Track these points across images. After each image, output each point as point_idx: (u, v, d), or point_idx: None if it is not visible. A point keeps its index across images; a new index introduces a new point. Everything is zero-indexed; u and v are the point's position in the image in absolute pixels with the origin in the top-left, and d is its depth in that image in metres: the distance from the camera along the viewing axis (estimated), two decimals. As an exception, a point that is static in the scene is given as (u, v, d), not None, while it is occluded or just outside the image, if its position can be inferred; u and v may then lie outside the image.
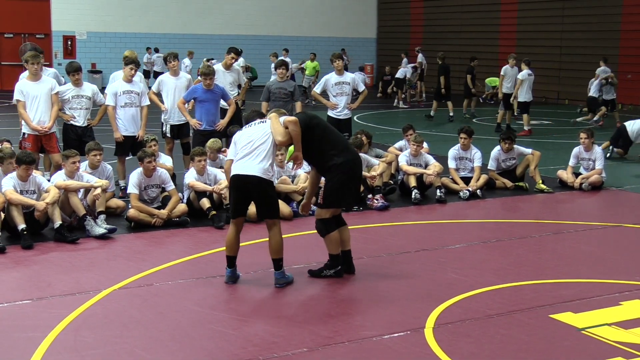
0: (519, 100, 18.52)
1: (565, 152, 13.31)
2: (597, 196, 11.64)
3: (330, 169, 7.06)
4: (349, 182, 7.14)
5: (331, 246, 7.17)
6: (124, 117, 10.76)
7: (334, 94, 12.42)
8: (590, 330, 5.98)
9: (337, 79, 12.44)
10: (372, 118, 21.60)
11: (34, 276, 7.35)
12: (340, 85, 12.40)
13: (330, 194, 7.09)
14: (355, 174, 7.24)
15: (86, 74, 27.05)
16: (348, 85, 12.42)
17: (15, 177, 8.54)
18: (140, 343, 5.68)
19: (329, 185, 7.10)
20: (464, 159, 11.67)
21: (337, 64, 12.40)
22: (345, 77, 12.51)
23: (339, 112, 12.39)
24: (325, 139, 7.11)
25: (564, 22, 27.21)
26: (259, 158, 6.86)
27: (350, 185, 7.17)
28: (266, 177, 6.86)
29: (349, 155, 7.13)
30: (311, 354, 5.49)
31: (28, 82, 10.25)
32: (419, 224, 9.77)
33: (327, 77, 12.60)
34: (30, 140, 10.27)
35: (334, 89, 12.42)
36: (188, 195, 9.67)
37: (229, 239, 7.04)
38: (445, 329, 5.96)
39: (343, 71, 12.59)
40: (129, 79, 10.83)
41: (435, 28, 32.42)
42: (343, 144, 7.24)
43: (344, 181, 7.07)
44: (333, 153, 7.04)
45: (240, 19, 32.91)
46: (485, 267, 7.76)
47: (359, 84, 12.74)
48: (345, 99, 12.38)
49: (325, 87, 12.52)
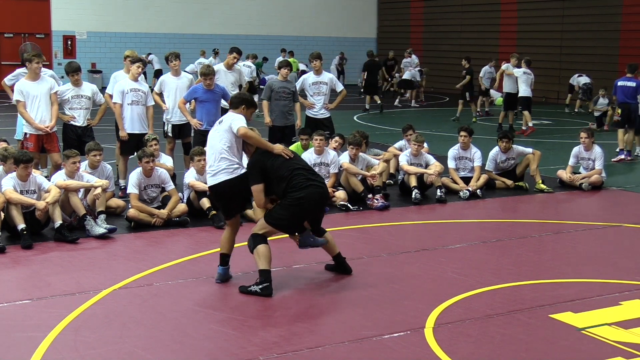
0: (520, 95, 18.47)
1: (565, 152, 13.30)
2: (597, 196, 11.64)
3: (288, 198, 6.82)
4: (302, 214, 6.90)
5: (260, 261, 6.79)
6: (129, 115, 10.76)
7: (311, 94, 12.46)
8: (590, 330, 5.98)
9: (314, 79, 12.49)
10: (371, 118, 21.60)
11: (34, 276, 7.35)
12: (318, 85, 12.44)
13: (280, 218, 6.86)
14: (314, 209, 6.97)
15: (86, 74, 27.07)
16: (325, 85, 12.46)
17: (15, 177, 8.54)
18: (141, 343, 5.69)
19: (283, 210, 6.84)
20: (464, 159, 11.67)
21: (314, 64, 12.47)
22: (323, 77, 12.55)
23: (316, 111, 12.42)
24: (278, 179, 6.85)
25: (564, 22, 27.21)
26: (221, 162, 6.90)
27: (302, 217, 6.92)
28: (233, 176, 6.88)
29: (310, 190, 6.82)
30: (311, 354, 5.49)
31: (28, 82, 10.25)
32: (419, 224, 9.77)
33: (305, 77, 12.68)
34: (33, 140, 10.27)
35: (311, 88, 12.48)
36: (188, 195, 9.68)
37: (223, 237, 7.11)
38: (445, 329, 5.96)
39: (321, 71, 12.62)
40: (135, 77, 10.83)
41: (435, 28, 32.42)
42: (301, 176, 6.87)
43: (297, 213, 6.84)
44: (293, 187, 6.79)
45: (240, 19, 32.91)
46: (485, 267, 7.76)
47: (337, 84, 12.73)
48: (322, 99, 12.41)
49: (303, 87, 12.56)
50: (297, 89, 12.56)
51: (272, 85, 12.22)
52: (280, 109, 12.00)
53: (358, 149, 10.79)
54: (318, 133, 10.96)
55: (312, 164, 10.65)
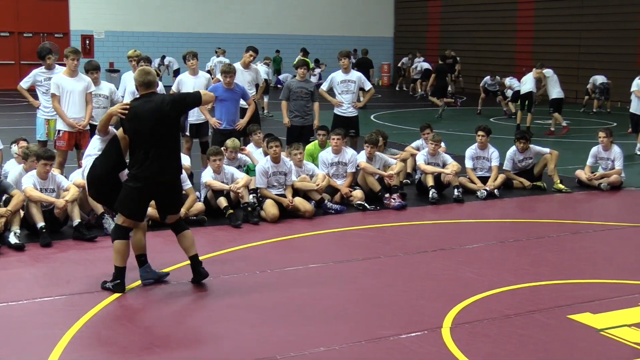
0: (552, 97, 18.41)
1: (583, 151, 13.22)
2: (616, 196, 11.56)
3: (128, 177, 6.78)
4: (140, 195, 6.73)
5: (114, 256, 6.74)
6: None
7: (339, 92, 12.45)
8: (609, 331, 5.94)
9: (342, 77, 12.46)
10: (389, 117, 21.57)
11: (52, 274, 7.40)
12: (346, 83, 12.42)
13: (120, 198, 6.78)
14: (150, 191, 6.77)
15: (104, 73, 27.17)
16: (354, 84, 12.44)
17: (35, 176, 8.61)
18: (158, 341, 5.71)
19: (124, 190, 6.77)
20: (481, 159, 11.63)
21: (343, 62, 12.43)
22: (351, 76, 12.52)
23: (344, 110, 12.41)
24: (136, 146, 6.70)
25: (582, 20, 27.03)
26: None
27: (140, 198, 6.76)
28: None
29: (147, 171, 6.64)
30: (328, 353, 5.49)
31: (64, 77, 10.28)
32: (436, 224, 9.74)
33: (333, 75, 12.63)
34: (65, 138, 10.29)
35: (339, 86, 12.45)
36: (205, 194, 9.70)
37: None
38: (463, 329, 5.94)
39: (349, 69, 12.60)
40: None
41: (452, 27, 32.31)
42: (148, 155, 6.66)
43: (136, 193, 6.70)
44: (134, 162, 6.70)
45: (256, 18, 32.95)
46: (503, 267, 7.73)
47: (365, 82, 12.72)
48: (350, 97, 12.40)
49: (332, 85, 12.56)
50: (326, 88, 12.57)
51: (290, 85, 12.22)
52: (299, 109, 12.00)
53: (374, 148, 10.77)
54: (336, 132, 10.94)
55: (330, 162, 10.67)
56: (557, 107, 18.39)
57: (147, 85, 6.80)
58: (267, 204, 9.53)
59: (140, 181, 6.64)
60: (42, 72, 11.12)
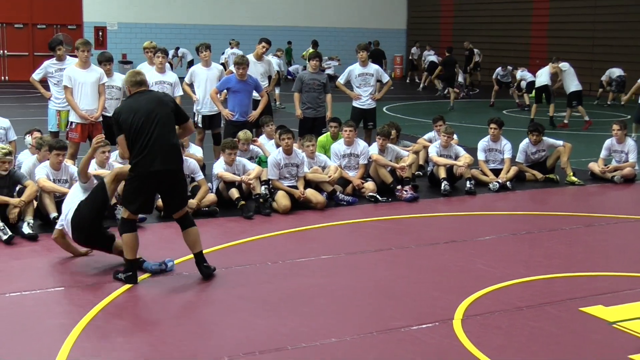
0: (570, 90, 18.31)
1: (596, 144, 13.15)
2: (630, 189, 11.50)
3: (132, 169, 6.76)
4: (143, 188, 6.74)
5: (124, 249, 6.80)
6: None
7: (357, 85, 12.44)
8: (621, 324, 5.91)
9: (360, 70, 12.48)
10: (401, 109, 21.53)
11: (65, 263, 7.43)
12: (364, 76, 12.43)
13: (124, 195, 6.87)
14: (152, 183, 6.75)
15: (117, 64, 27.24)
16: (372, 77, 12.44)
17: (49, 167, 8.66)
18: (170, 331, 5.73)
19: (126, 185, 6.83)
20: (494, 151, 11.59)
21: (361, 55, 12.42)
22: (369, 69, 12.52)
23: (363, 102, 12.41)
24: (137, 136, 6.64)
25: (596, 12, 26.86)
26: None
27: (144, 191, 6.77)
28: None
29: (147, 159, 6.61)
30: (339, 344, 5.50)
31: (76, 69, 10.31)
32: (449, 216, 9.73)
33: (351, 68, 12.63)
34: (78, 131, 10.32)
35: (357, 80, 12.46)
36: (217, 186, 9.71)
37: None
38: (474, 321, 5.94)
39: (367, 62, 12.58)
40: (160, 68, 10.86)
41: (465, 19, 32.19)
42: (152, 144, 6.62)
43: (139, 186, 6.72)
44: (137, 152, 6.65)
45: (269, 10, 32.93)
46: (515, 259, 7.71)
47: (382, 75, 12.72)
48: (369, 90, 12.40)
49: (349, 78, 12.55)
50: (343, 80, 12.57)
51: (302, 77, 12.22)
52: (311, 101, 11.99)
53: (386, 140, 10.75)
54: (348, 124, 10.93)
55: (342, 154, 10.66)
56: (579, 99, 18.28)
57: (139, 84, 6.91)
58: (279, 195, 9.54)
59: (142, 169, 6.62)
60: (53, 63, 11.16)
